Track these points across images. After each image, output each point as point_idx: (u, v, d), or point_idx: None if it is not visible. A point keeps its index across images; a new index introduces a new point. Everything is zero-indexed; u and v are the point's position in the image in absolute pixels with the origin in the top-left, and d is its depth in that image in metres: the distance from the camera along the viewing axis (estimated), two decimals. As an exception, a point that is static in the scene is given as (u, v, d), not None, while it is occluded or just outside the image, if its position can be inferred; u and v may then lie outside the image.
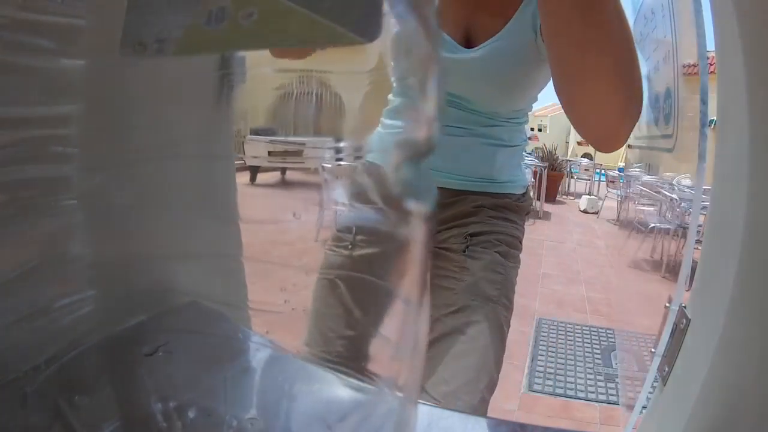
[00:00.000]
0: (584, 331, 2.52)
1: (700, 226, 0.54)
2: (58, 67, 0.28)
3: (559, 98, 0.48)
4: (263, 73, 0.30)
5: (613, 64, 0.43)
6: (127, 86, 0.32)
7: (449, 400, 0.62)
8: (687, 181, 5.19)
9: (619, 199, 5.33)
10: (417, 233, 0.18)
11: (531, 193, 0.85)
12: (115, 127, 0.33)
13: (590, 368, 2.13)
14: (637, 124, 0.47)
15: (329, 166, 0.34)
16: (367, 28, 0.19)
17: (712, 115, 0.43)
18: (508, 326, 0.72)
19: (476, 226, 0.74)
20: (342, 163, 0.32)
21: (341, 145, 0.34)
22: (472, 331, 0.67)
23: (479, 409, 0.65)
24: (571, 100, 0.48)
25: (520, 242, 0.77)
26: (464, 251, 0.72)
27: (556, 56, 0.46)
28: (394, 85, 0.25)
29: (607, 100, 0.45)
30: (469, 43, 0.66)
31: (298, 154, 0.36)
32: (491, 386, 0.67)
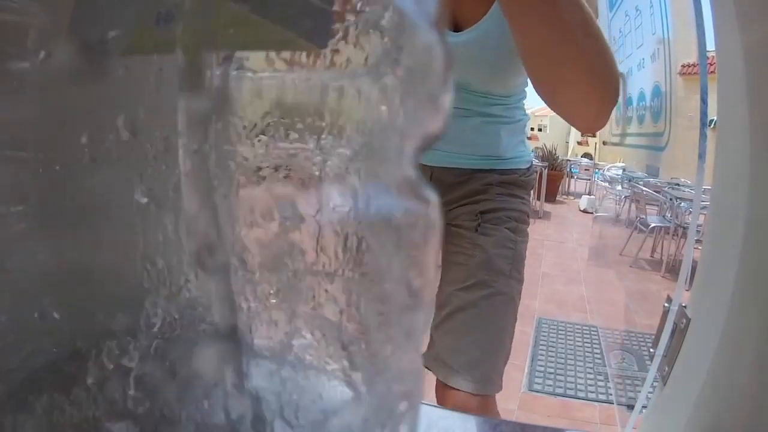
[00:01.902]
0: (584, 331, 2.52)
1: (699, 225, 0.54)
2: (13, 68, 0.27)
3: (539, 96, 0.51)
4: (261, 74, 0.30)
5: (588, 72, 0.45)
6: (115, 83, 0.32)
7: (468, 370, 0.66)
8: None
9: (617, 199, 5.35)
10: (435, 222, 0.18)
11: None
12: (101, 126, 0.32)
13: (590, 368, 2.13)
14: (611, 120, 0.50)
15: (329, 165, 0.33)
16: (317, 34, 0.19)
17: (712, 114, 0.43)
18: (519, 298, 0.76)
19: (486, 203, 0.77)
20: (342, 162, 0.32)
21: (340, 144, 0.33)
22: (486, 304, 0.70)
23: (495, 379, 0.69)
24: (550, 101, 0.50)
25: (528, 216, 0.81)
26: (476, 229, 0.75)
27: (531, 71, 0.48)
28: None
29: (584, 103, 0.48)
30: (456, 26, 0.67)
31: (298, 154, 0.35)
32: (506, 356, 0.73)
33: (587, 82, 0.45)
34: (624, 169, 5.53)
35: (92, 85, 0.29)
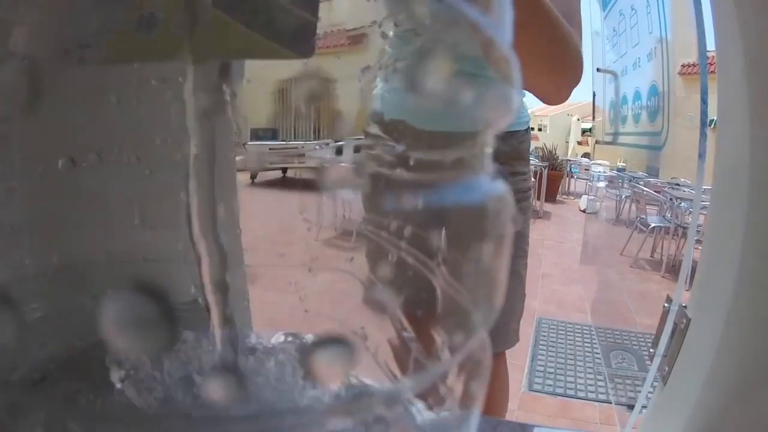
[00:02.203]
0: (584, 331, 2.52)
1: (699, 225, 0.54)
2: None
3: None
4: (262, 78, 0.30)
5: (546, 60, 0.50)
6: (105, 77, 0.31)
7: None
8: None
9: (617, 199, 5.35)
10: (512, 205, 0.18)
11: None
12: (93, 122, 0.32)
13: (590, 368, 2.13)
14: (604, 120, 0.54)
15: (328, 165, 0.34)
16: (301, 45, 0.20)
17: (712, 114, 0.43)
18: (526, 269, 0.82)
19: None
20: (343, 164, 0.32)
21: (341, 144, 0.34)
22: None
23: (509, 336, 0.81)
24: None
25: (529, 190, 0.84)
26: None
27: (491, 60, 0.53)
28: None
29: (544, 84, 0.54)
30: None
31: (298, 156, 0.36)
32: (518, 315, 0.83)
33: (547, 69, 0.51)
34: (611, 168, 5.60)
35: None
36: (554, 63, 0.51)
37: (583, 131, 12.54)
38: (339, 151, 0.32)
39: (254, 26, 0.19)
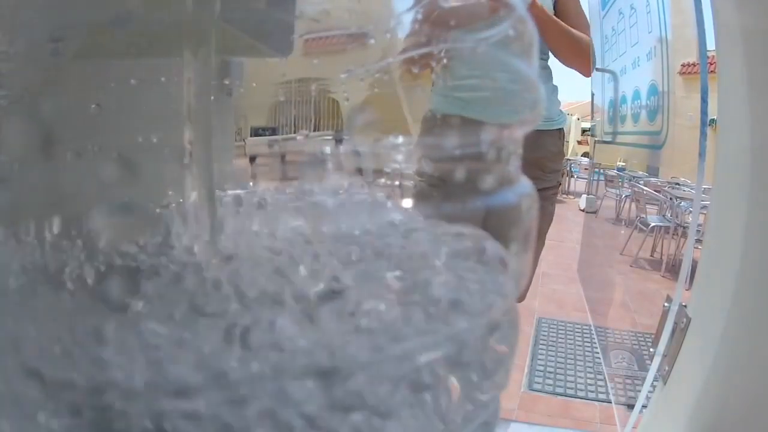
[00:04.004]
0: (584, 331, 2.52)
1: (699, 225, 0.54)
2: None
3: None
4: (262, 79, 0.30)
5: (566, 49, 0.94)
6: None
7: None
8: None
9: (617, 198, 5.35)
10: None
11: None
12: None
13: (590, 368, 2.13)
14: (603, 120, 0.68)
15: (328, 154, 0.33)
16: (279, 43, 0.20)
17: (712, 114, 0.43)
18: (544, 241, 1.02)
19: (539, 182, 0.95)
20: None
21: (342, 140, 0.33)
22: None
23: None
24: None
25: (559, 185, 1.08)
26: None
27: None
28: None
29: (572, 58, 0.96)
30: None
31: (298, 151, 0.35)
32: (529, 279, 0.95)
33: (569, 53, 0.94)
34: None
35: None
36: (569, 48, 0.90)
37: (583, 131, 12.52)
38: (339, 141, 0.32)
39: (232, 22, 0.19)
